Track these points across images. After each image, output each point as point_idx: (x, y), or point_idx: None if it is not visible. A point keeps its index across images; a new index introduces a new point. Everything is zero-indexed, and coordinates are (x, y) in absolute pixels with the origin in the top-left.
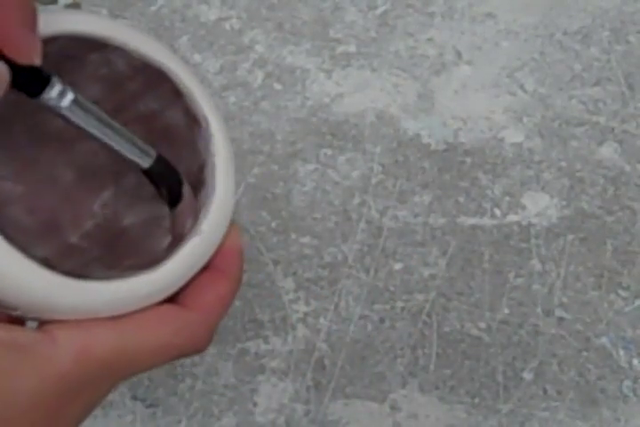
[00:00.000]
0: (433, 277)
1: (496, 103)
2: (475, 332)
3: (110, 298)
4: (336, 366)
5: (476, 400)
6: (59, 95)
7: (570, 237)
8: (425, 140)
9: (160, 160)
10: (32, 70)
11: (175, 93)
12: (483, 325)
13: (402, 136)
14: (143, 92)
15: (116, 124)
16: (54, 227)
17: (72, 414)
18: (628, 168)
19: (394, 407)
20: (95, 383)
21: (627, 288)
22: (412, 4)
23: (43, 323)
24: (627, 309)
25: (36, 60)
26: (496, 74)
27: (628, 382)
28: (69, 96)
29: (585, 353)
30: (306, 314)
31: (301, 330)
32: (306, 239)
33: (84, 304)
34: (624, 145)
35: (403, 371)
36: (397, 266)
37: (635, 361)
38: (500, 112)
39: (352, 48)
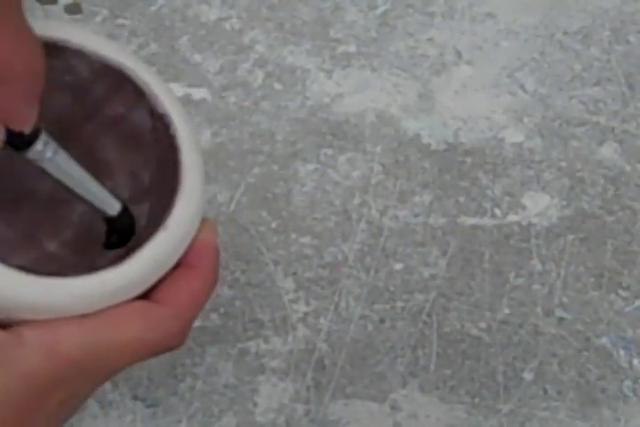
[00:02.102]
0: (433, 277)
1: (496, 103)
2: (475, 332)
3: (77, 294)
4: (336, 366)
5: (476, 400)
6: (43, 149)
7: (570, 237)
8: (425, 140)
9: (124, 211)
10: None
11: (138, 93)
12: (483, 325)
13: (402, 136)
14: (108, 96)
15: (89, 177)
16: (33, 237)
17: (45, 413)
18: (628, 168)
19: (394, 407)
20: (66, 382)
21: (627, 288)
22: (412, 4)
23: (10, 326)
24: (627, 309)
25: (29, 128)
26: (496, 74)
27: (628, 382)
28: (50, 152)
29: (585, 353)
30: (306, 314)
31: (301, 330)
32: (306, 239)
33: (50, 301)
34: (624, 145)
35: (403, 371)
36: (397, 266)
37: (635, 361)
38: (500, 112)
39: (352, 48)
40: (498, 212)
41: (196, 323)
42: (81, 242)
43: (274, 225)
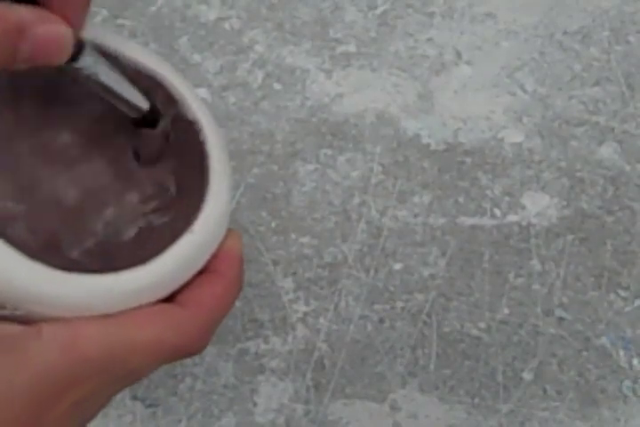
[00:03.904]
0: (433, 277)
1: (496, 103)
2: (474, 332)
3: (100, 292)
4: (336, 366)
5: (476, 400)
6: (91, 63)
7: (570, 237)
8: (425, 140)
9: (153, 108)
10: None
11: (168, 100)
12: (482, 325)
13: (402, 136)
14: None
15: (123, 78)
16: (55, 245)
17: (59, 412)
18: (627, 168)
19: (394, 407)
20: (81, 381)
21: (627, 288)
22: (411, 3)
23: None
24: (627, 309)
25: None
26: (496, 74)
27: (627, 382)
28: (100, 60)
29: (585, 353)
30: (306, 314)
31: (301, 330)
32: (306, 239)
33: (72, 298)
34: (624, 145)
35: (403, 371)
36: (397, 266)
37: (635, 361)
38: (499, 112)
39: (352, 48)
40: (497, 212)
41: None
42: (103, 251)
43: (273, 225)
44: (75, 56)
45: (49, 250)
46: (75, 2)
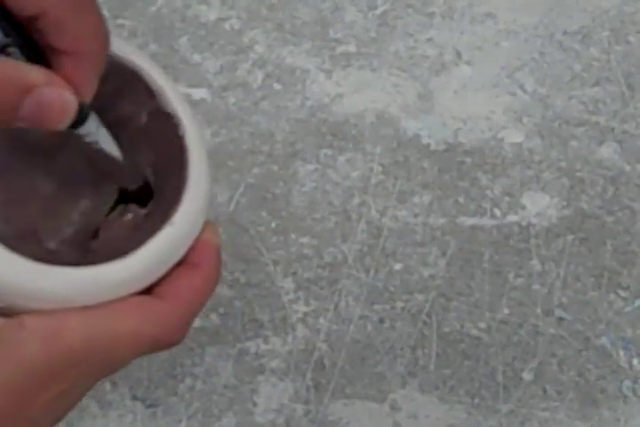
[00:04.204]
0: (433, 277)
1: (496, 103)
2: (474, 332)
3: (80, 284)
4: (336, 366)
5: (476, 400)
6: (94, 129)
7: (570, 237)
8: (425, 140)
9: (145, 185)
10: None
11: (147, 93)
12: (482, 325)
13: (402, 136)
14: (117, 96)
15: (119, 151)
16: (32, 235)
17: (42, 403)
18: (627, 168)
19: (394, 407)
20: (64, 372)
21: (626, 288)
22: (411, 3)
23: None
24: (627, 309)
25: (88, 100)
26: (496, 74)
27: (627, 383)
28: (101, 129)
29: (585, 353)
30: (306, 314)
31: (301, 330)
32: (306, 239)
33: (54, 290)
34: (624, 145)
35: (403, 371)
36: (397, 266)
37: (634, 361)
38: (499, 112)
39: (352, 48)
40: (497, 212)
41: (196, 323)
42: (81, 241)
43: (273, 225)
44: (78, 123)
45: (27, 240)
46: (87, 69)
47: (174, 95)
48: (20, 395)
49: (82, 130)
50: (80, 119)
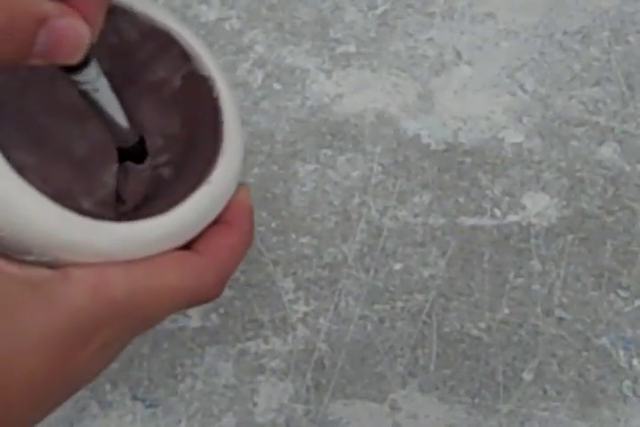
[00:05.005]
0: (433, 277)
1: (496, 103)
2: (475, 332)
3: (121, 239)
4: (336, 366)
5: (476, 400)
6: (93, 71)
7: (570, 237)
8: (425, 140)
9: (140, 143)
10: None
11: (183, 57)
12: (483, 325)
13: (402, 136)
14: (152, 60)
15: (120, 106)
16: (67, 195)
17: (87, 354)
18: (628, 168)
19: (394, 407)
20: (108, 324)
21: (627, 288)
22: (412, 4)
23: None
24: (627, 309)
25: (93, 41)
26: (496, 74)
27: (628, 383)
28: (96, 75)
29: (585, 353)
30: (306, 314)
31: (301, 330)
32: (306, 239)
33: (97, 243)
34: (624, 145)
35: (403, 371)
36: (397, 266)
37: (635, 361)
38: (500, 112)
39: (352, 48)
40: (497, 212)
41: (196, 323)
42: (113, 202)
43: (273, 225)
44: (81, 65)
45: (63, 200)
46: (93, 4)
47: (208, 58)
48: (68, 345)
49: (83, 75)
50: (83, 61)
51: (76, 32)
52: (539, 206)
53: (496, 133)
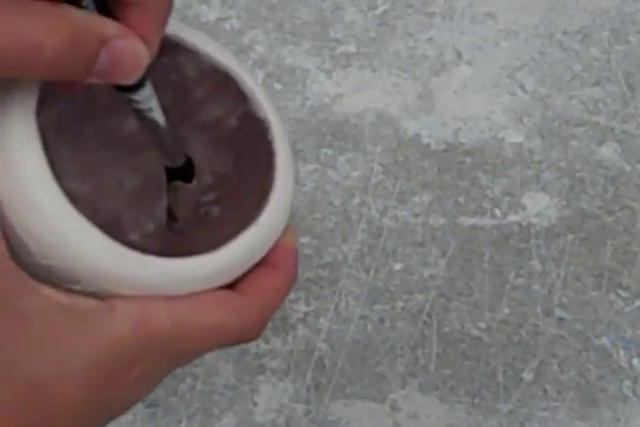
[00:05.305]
0: (433, 277)
1: (496, 103)
2: (475, 332)
3: (168, 274)
4: (336, 366)
5: (476, 400)
6: (149, 96)
7: (570, 237)
8: (425, 140)
9: (188, 164)
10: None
11: (239, 97)
12: (483, 325)
13: (402, 136)
14: (208, 100)
15: (168, 126)
16: (116, 226)
17: (125, 385)
18: (628, 168)
19: (394, 407)
20: (148, 356)
21: (627, 288)
22: (411, 3)
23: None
24: (627, 309)
25: (149, 61)
26: (496, 74)
27: (627, 383)
28: (154, 99)
29: (585, 353)
30: (306, 314)
31: (301, 330)
32: (306, 239)
33: (143, 278)
34: (624, 145)
35: (403, 371)
36: (397, 266)
37: (635, 361)
38: (500, 112)
39: (352, 48)
40: (497, 212)
41: None
42: (162, 236)
43: None
44: (137, 85)
45: (111, 231)
46: (153, 21)
47: (265, 100)
48: (107, 374)
49: (138, 95)
50: (140, 81)
51: (135, 53)
52: (539, 206)
53: (496, 133)
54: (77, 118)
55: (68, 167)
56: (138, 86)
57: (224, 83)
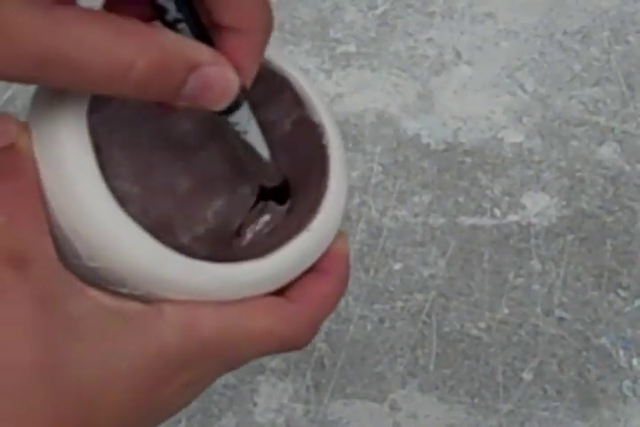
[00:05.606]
0: (432, 277)
1: (496, 103)
2: (474, 332)
3: (217, 279)
4: (336, 366)
5: (476, 400)
6: (246, 119)
7: (570, 237)
8: (425, 140)
9: (284, 184)
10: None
11: (294, 102)
12: (482, 325)
13: (401, 136)
14: (264, 103)
15: (266, 145)
16: (166, 228)
17: (171, 390)
18: (627, 168)
19: (393, 407)
20: (196, 362)
21: (626, 288)
22: (411, 3)
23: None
24: (626, 309)
25: (249, 82)
26: (496, 74)
27: (627, 383)
28: (252, 121)
29: (585, 353)
30: None
31: None
32: None
33: (191, 282)
34: (624, 145)
35: (402, 371)
36: (397, 266)
37: (634, 361)
38: (499, 112)
39: (352, 48)
40: (497, 212)
41: None
42: (212, 240)
43: None
44: (232, 108)
45: (161, 233)
46: (250, 49)
47: (320, 104)
48: (155, 379)
49: (234, 117)
50: (235, 104)
51: (225, 80)
52: (539, 206)
53: (496, 133)
54: (131, 119)
55: (119, 169)
56: (233, 108)
57: (280, 86)
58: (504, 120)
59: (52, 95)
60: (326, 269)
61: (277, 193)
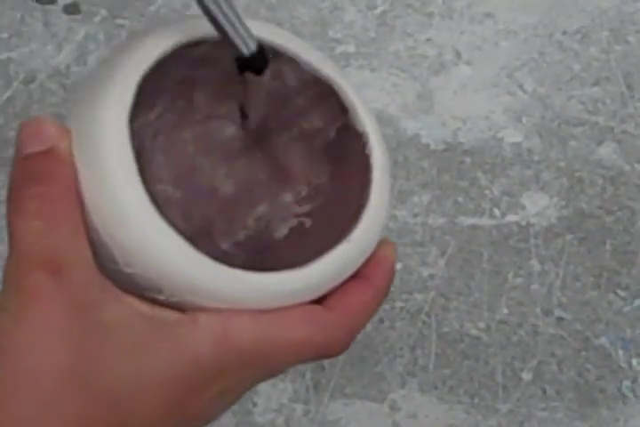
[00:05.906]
0: (432, 277)
1: (495, 103)
2: (474, 332)
3: (254, 289)
4: (336, 366)
5: (476, 400)
6: None
7: (569, 237)
8: (424, 140)
9: (260, 52)
10: None
11: (339, 109)
12: (482, 325)
13: (401, 136)
14: (309, 109)
15: (240, 16)
16: (207, 234)
17: (204, 400)
18: (627, 168)
19: (393, 407)
20: (230, 372)
21: (626, 288)
22: (411, 4)
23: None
24: (626, 309)
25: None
26: (495, 74)
27: (627, 382)
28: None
29: (584, 353)
30: None
31: None
32: None
33: (228, 291)
34: (623, 145)
35: (402, 371)
36: (397, 266)
37: (634, 361)
38: (499, 112)
39: (351, 48)
40: (497, 212)
41: None
42: (253, 246)
43: None
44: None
45: (201, 239)
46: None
47: (365, 112)
48: (187, 389)
49: None
50: None
51: None
52: (538, 206)
53: (495, 133)
54: (175, 123)
55: (161, 173)
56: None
57: (325, 93)
58: (503, 120)
59: (94, 99)
60: (367, 276)
61: (254, 62)
